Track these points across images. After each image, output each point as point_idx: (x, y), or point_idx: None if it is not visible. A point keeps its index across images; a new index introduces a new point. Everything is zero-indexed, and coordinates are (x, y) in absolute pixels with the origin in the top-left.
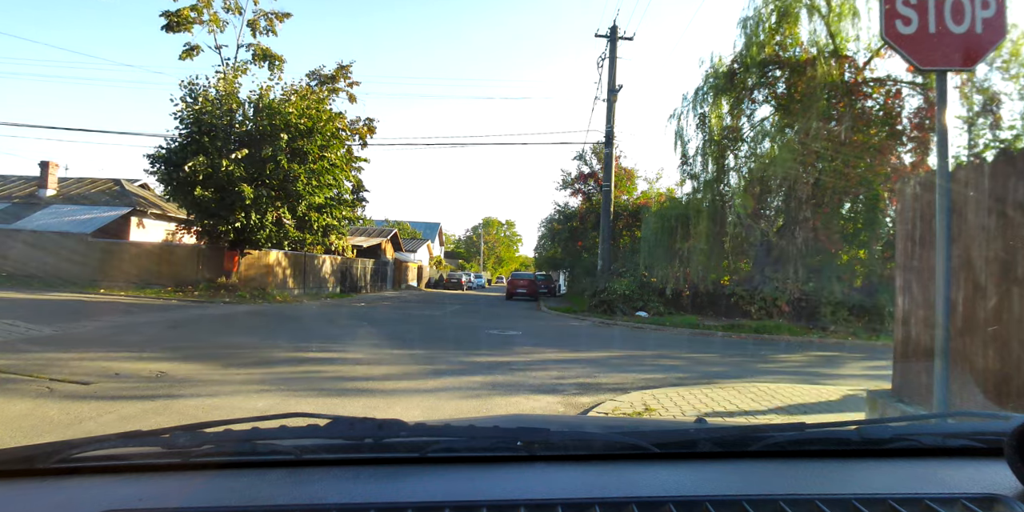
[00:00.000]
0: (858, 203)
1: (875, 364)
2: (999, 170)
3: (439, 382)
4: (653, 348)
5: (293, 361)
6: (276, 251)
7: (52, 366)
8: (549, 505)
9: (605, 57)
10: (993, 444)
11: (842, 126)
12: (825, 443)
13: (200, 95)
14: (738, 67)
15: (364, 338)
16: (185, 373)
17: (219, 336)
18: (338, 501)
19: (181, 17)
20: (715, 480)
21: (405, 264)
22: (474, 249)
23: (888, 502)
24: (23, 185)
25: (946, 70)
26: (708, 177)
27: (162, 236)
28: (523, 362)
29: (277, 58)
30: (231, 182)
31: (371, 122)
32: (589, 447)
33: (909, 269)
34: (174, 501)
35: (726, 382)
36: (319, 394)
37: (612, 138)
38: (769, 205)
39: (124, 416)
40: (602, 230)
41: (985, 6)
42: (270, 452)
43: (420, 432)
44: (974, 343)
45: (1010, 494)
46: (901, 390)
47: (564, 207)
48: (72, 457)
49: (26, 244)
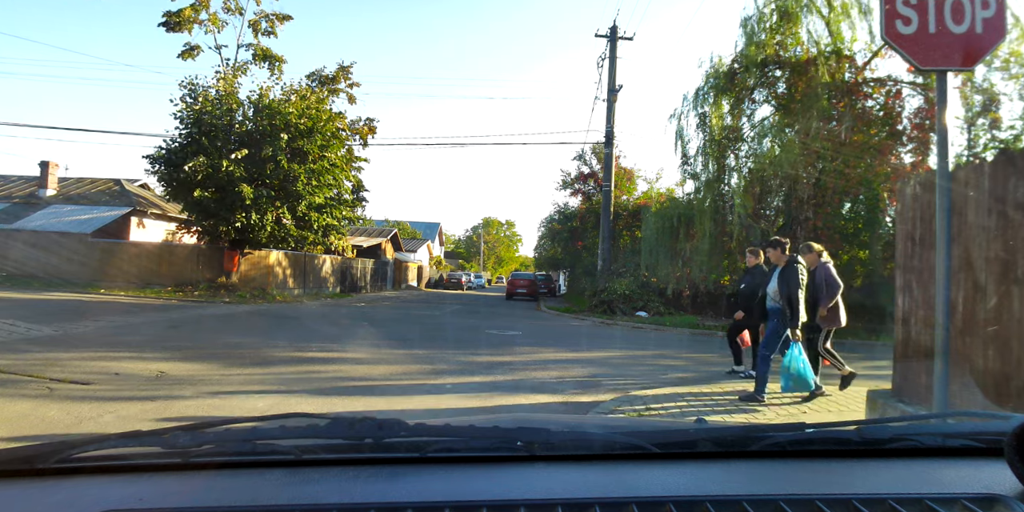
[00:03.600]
0: (858, 203)
1: (875, 364)
2: (999, 170)
3: (439, 382)
4: (653, 348)
5: (293, 361)
6: (276, 251)
7: (52, 366)
8: (549, 505)
9: (605, 57)
10: (993, 444)
11: (842, 126)
12: (825, 443)
13: (200, 95)
14: (738, 67)
15: (364, 338)
16: (185, 373)
17: (219, 336)
18: (338, 501)
19: (181, 17)
20: (715, 480)
21: (405, 264)
22: (474, 249)
23: (888, 502)
24: (23, 185)
25: (946, 70)
26: (709, 177)
27: (162, 236)
28: (523, 362)
29: (277, 58)
30: (231, 182)
31: (371, 122)
32: (589, 447)
33: (909, 269)
34: (174, 501)
35: (726, 382)
36: (319, 394)
37: (612, 138)
38: (769, 205)
39: (124, 416)
40: (602, 230)
41: (985, 6)
42: (270, 452)
43: (420, 432)
44: (974, 343)
45: (1010, 494)
46: (901, 390)
47: (564, 207)
48: (72, 457)
49: (26, 244)
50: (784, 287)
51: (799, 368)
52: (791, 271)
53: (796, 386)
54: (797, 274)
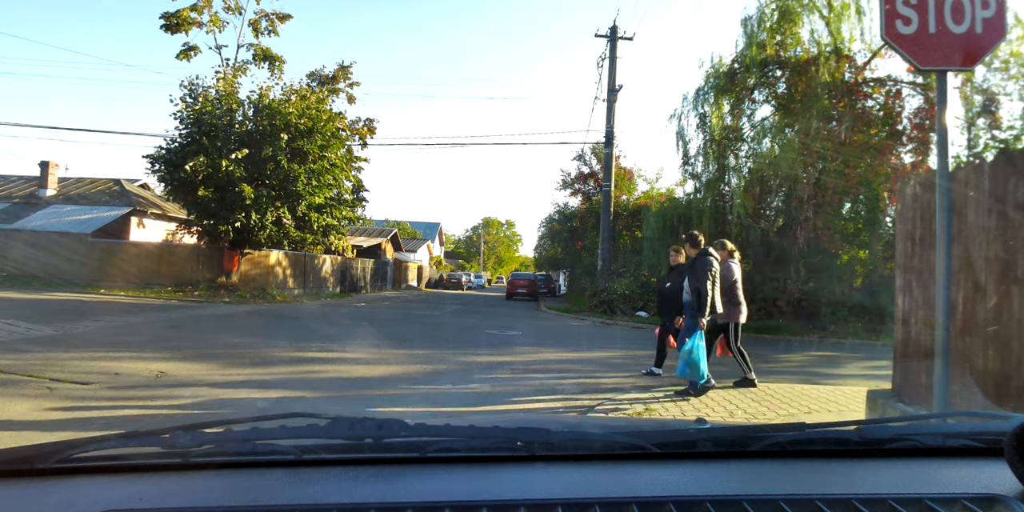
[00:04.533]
0: (858, 203)
1: (875, 364)
2: (999, 170)
3: (439, 382)
4: (653, 348)
5: (293, 361)
6: (276, 251)
7: (52, 366)
8: (549, 505)
9: (605, 57)
10: (993, 444)
11: (842, 126)
12: (825, 443)
13: (200, 95)
14: (739, 67)
15: (364, 338)
16: (185, 373)
17: (219, 336)
18: (338, 501)
19: (181, 18)
20: (715, 480)
21: (405, 264)
22: (474, 249)
23: (888, 502)
24: (23, 185)
25: (946, 70)
26: (709, 177)
27: (162, 236)
28: (523, 362)
29: (277, 58)
30: (231, 182)
31: (371, 122)
32: (589, 447)
33: (909, 269)
34: (174, 501)
35: (726, 382)
36: (319, 394)
37: (612, 138)
38: (769, 205)
39: (124, 416)
40: (602, 230)
41: (985, 6)
42: (270, 452)
43: (420, 432)
44: (974, 343)
45: (1010, 494)
46: (901, 390)
47: (564, 207)
48: (72, 457)
49: (26, 244)
50: (693, 278)
51: (697, 356)
52: (701, 263)
53: (691, 373)
54: (706, 266)
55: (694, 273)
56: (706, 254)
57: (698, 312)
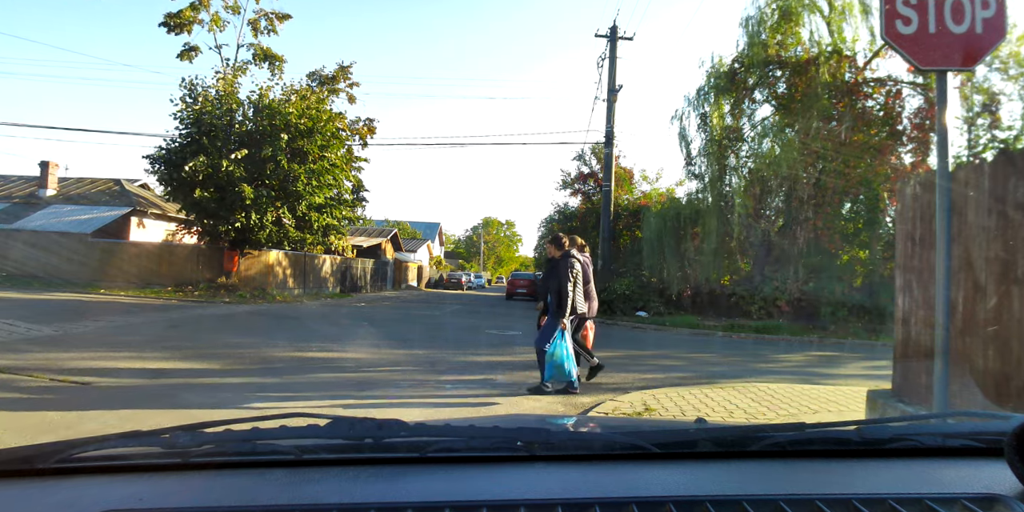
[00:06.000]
0: (858, 203)
1: (875, 364)
2: (999, 170)
3: (439, 382)
4: (653, 348)
5: (293, 361)
6: (276, 251)
7: (52, 366)
8: (549, 505)
9: (605, 57)
10: (993, 444)
11: (842, 126)
12: (825, 443)
13: (200, 95)
14: (739, 67)
15: (364, 338)
16: (185, 373)
17: (219, 336)
18: (338, 501)
19: (181, 18)
20: (715, 480)
21: (405, 264)
22: (474, 249)
23: (888, 502)
24: (23, 185)
25: (946, 70)
26: (711, 177)
27: (162, 236)
28: (523, 362)
29: (277, 58)
30: (231, 182)
31: (371, 122)
32: (589, 447)
33: (909, 269)
34: (174, 501)
35: (726, 382)
36: (319, 394)
37: (612, 138)
38: (769, 205)
39: (124, 416)
40: (602, 230)
41: (985, 6)
42: (270, 452)
43: (420, 432)
44: (974, 343)
45: (1010, 494)
46: (901, 390)
47: (564, 207)
48: (72, 457)
49: (26, 244)
50: (554, 279)
51: (562, 358)
52: (562, 263)
53: (557, 375)
54: (566, 266)
55: (556, 274)
56: (568, 255)
57: (559, 312)
